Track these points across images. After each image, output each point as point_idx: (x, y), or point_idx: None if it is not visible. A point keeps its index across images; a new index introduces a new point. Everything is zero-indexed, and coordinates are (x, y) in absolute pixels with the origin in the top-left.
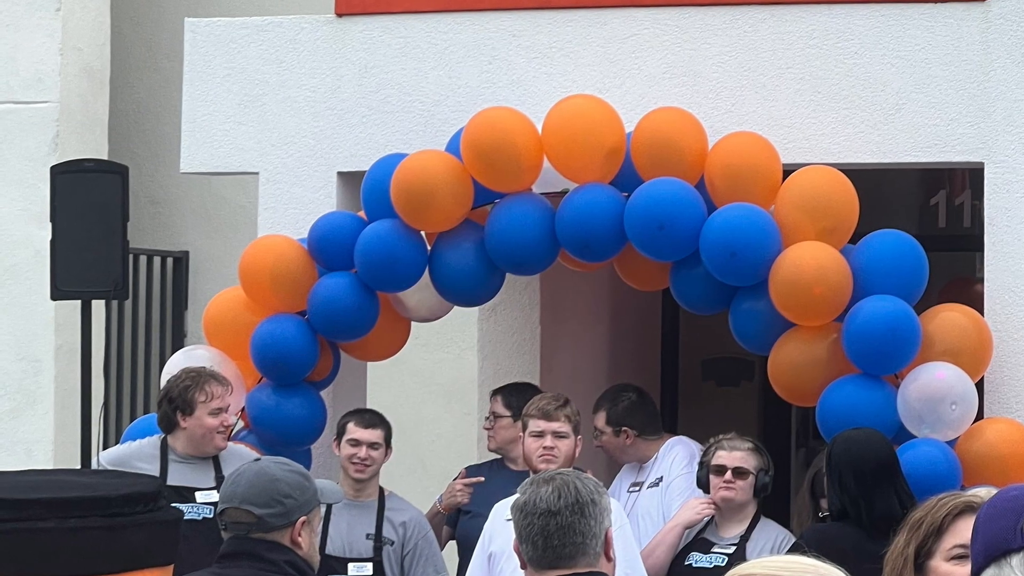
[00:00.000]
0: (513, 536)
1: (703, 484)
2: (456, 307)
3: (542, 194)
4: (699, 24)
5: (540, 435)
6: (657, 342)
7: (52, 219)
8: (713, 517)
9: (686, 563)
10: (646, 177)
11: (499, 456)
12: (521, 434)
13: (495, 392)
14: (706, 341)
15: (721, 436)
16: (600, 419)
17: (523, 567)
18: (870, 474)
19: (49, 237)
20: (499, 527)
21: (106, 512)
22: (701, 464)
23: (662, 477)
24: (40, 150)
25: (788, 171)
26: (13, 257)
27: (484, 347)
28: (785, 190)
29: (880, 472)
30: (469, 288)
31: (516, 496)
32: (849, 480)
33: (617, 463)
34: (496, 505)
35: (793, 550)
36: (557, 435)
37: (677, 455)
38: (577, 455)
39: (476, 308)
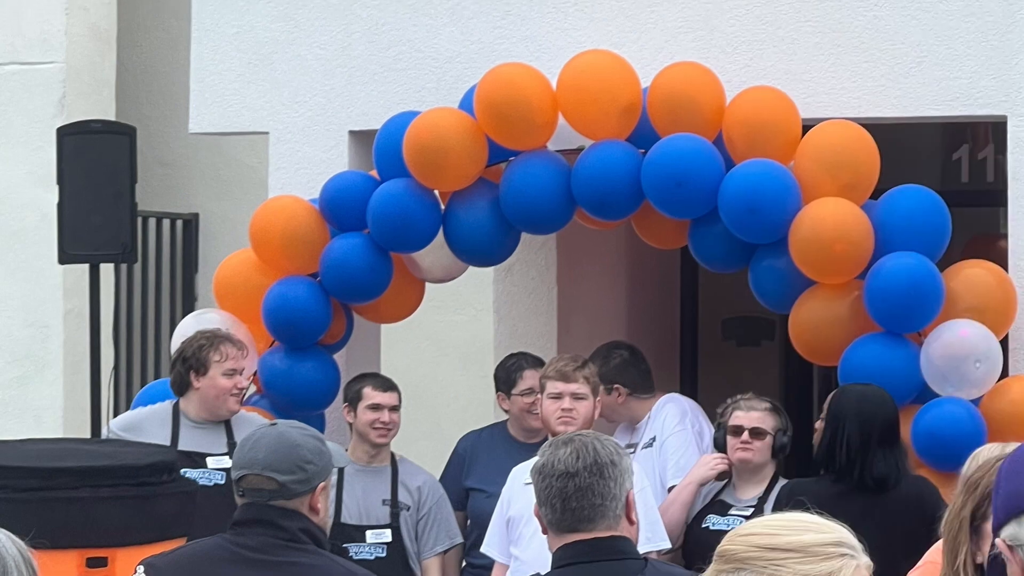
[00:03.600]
0: (533, 500)
1: (720, 445)
2: (471, 268)
3: (558, 151)
4: None
5: (558, 397)
6: (676, 301)
7: (59, 182)
8: (731, 479)
9: (703, 526)
10: (663, 133)
11: (500, 422)
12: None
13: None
14: (726, 300)
15: (739, 396)
16: None
17: (544, 532)
18: (877, 433)
19: (56, 200)
20: (517, 491)
21: (135, 481)
22: (718, 425)
23: (655, 437)
24: (46, 112)
25: (808, 126)
26: (20, 221)
27: (500, 308)
28: (805, 145)
29: (887, 433)
30: (484, 248)
31: (535, 459)
32: (854, 434)
33: (610, 424)
34: (514, 469)
35: (796, 507)
36: (576, 397)
37: (668, 413)
38: (597, 416)
39: (491, 269)
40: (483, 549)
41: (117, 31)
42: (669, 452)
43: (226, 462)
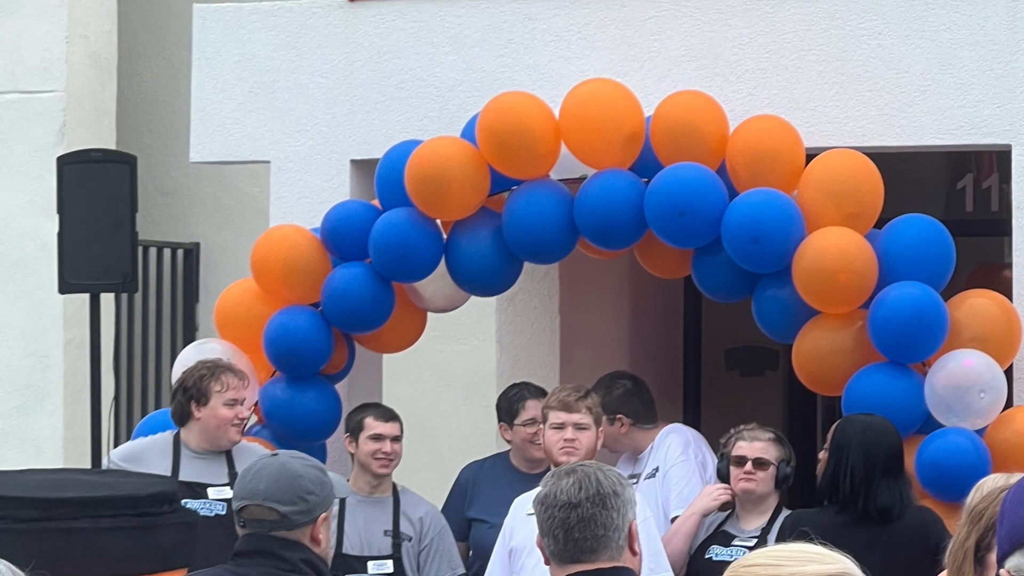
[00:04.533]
0: (535, 531)
1: (723, 475)
2: (473, 297)
3: (560, 180)
4: (719, 5)
5: (561, 427)
6: (679, 331)
7: (59, 211)
8: (734, 509)
9: (706, 556)
10: (666, 162)
11: (502, 452)
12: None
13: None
14: (729, 330)
15: (742, 426)
16: None
17: (547, 562)
18: (881, 463)
19: (56, 229)
20: (520, 522)
21: (136, 512)
22: (721, 455)
23: (658, 467)
24: (47, 140)
25: (811, 155)
26: (20, 250)
27: (502, 338)
28: (808, 174)
29: (891, 463)
30: (486, 277)
31: (538, 489)
32: (858, 464)
33: (612, 454)
34: (516, 500)
35: (799, 538)
36: (578, 427)
37: (671, 443)
38: (599, 447)
39: (493, 298)
40: None
41: (118, 60)
42: (672, 482)
43: (227, 492)
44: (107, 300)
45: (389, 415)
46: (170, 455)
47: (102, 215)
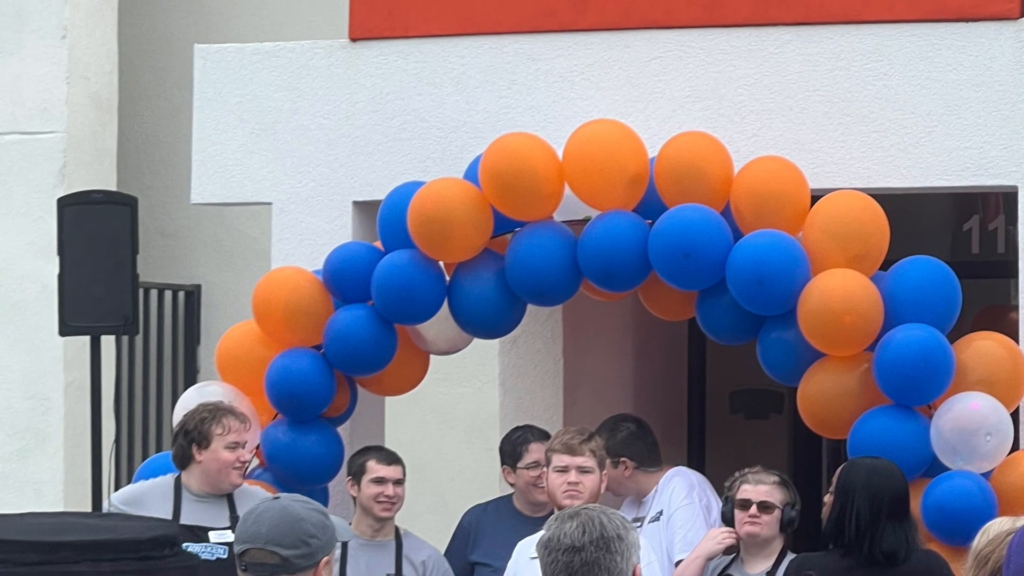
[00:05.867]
0: (539, 575)
1: (728, 519)
2: (476, 339)
3: (564, 222)
4: (724, 46)
5: (564, 470)
6: (683, 373)
7: (60, 253)
8: (739, 553)
9: None
10: (670, 204)
11: (506, 495)
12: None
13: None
14: (734, 372)
15: (746, 469)
16: None
17: None
18: (887, 507)
19: (57, 271)
20: (523, 566)
21: (137, 555)
22: (726, 499)
23: (662, 511)
24: (47, 182)
25: (816, 196)
26: (20, 292)
27: (505, 380)
28: (813, 216)
29: (896, 506)
30: (489, 319)
31: (541, 533)
32: (864, 507)
33: (616, 497)
34: (519, 543)
35: None
36: (582, 470)
37: (676, 487)
38: (603, 490)
39: (497, 340)
40: None
41: (118, 100)
42: (676, 526)
43: (229, 536)
44: (108, 342)
45: (391, 458)
46: (171, 498)
47: (103, 257)
